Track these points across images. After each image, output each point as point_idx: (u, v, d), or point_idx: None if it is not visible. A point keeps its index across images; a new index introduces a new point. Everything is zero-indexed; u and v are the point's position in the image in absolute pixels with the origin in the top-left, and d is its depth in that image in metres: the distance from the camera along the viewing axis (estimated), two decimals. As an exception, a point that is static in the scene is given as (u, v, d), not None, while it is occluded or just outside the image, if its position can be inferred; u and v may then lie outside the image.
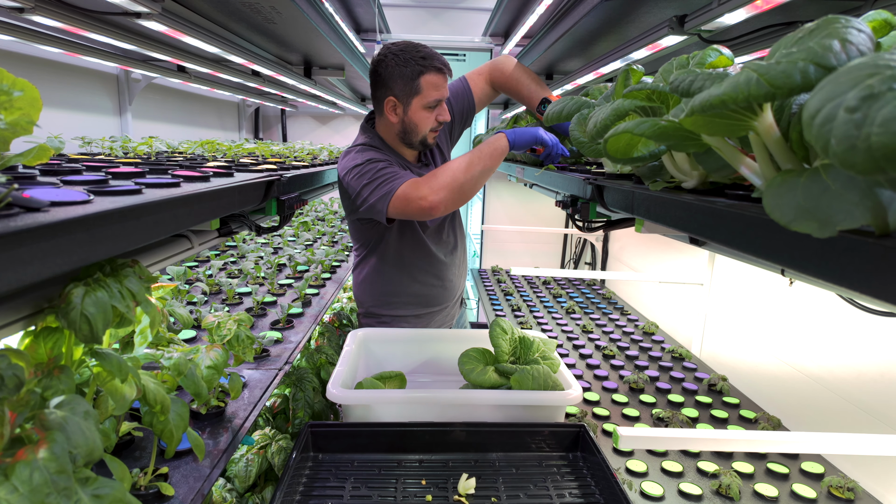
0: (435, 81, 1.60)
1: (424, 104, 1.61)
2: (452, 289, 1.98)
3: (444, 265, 1.90)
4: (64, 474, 0.52)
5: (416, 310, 1.92)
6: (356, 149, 1.68)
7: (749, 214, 0.54)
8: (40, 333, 0.66)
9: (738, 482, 1.26)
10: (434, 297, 1.93)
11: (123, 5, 1.40)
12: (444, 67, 1.61)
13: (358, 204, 1.60)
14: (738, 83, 0.44)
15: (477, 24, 5.33)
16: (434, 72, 1.59)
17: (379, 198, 1.52)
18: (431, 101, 1.61)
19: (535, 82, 1.84)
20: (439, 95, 1.62)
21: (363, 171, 1.56)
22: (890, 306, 0.39)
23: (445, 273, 1.91)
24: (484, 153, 1.55)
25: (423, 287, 1.89)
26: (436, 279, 1.90)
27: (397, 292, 1.88)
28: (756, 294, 2.06)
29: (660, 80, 0.80)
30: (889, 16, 0.56)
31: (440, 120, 1.67)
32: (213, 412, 1.25)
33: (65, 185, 0.74)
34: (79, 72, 2.62)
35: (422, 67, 1.57)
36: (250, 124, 5.35)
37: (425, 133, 1.67)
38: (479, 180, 1.54)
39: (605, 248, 3.69)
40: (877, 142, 0.29)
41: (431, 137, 1.70)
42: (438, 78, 1.60)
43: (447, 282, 1.93)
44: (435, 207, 1.47)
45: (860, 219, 0.36)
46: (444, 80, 1.63)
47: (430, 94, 1.60)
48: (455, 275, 1.97)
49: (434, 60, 1.59)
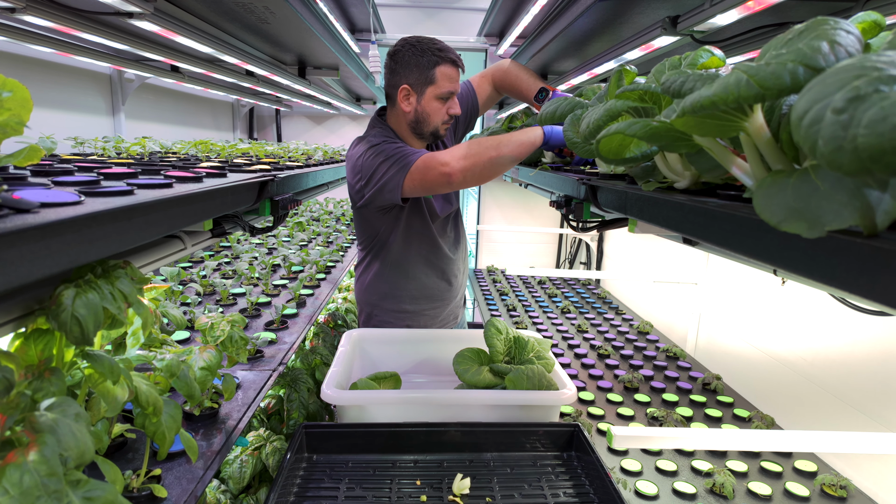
0: (449, 73, 1.63)
1: (438, 94, 1.64)
2: (457, 285, 2.00)
3: (449, 259, 1.93)
4: (55, 477, 0.51)
5: (422, 304, 1.93)
6: (370, 134, 1.70)
7: (740, 215, 0.54)
8: (31, 335, 0.66)
9: (731, 481, 1.27)
10: (439, 292, 1.94)
11: (116, 5, 1.39)
12: (459, 62, 1.65)
13: (374, 183, 1.58)
14: (728, 84, 0.44)
15: (472, 24, 5.33)
16: (449, 64, 1.62)
17: (397, 170, 1.52)
18: (444, 93, 1.64)
19: (532, 77, 1.86)
20: (452, 87, 1.64)
21: (380, 150, 1.57)
22: (880, 305, 0.39)
23: (450, 267, 1.94)
24: (515, 140, 1.51)
25: (428, 280, 1.91)
26: (441, 273, 1.92)
27: (404, 286, 1.89)
28: (750, 293, 2.06)
29: (652, 80, 0.81)
30: (878, 17, 0.56)
31: (451, 113, 1.69)
32: (207, 413, 1.24)
33: (56, 186, 0.74)
34: (71, 72, 2.61)
35: (438, 58, 1.61)
36: (244, 124, 5.34)
37: (437, 124, 1.69)
38: (504, 164, 1.51)
39: (599, 248, 3.70)
40: (863, 143, 0.29)
41: (443, 129, 1.72)
42: (453, 70, 1.63)
43: (452, 276, 1.95)
44: (454, 174, 1.47)
45: (849, 219, 0.36)
46: (458, 74, 1.66)
47: (443, 84, 1.63)
48: (459, 270, 2.00)
49: (450, 53, 1.63)
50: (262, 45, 2.51)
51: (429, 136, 1.73)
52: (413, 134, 1.74)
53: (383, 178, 1.55)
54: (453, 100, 1.68)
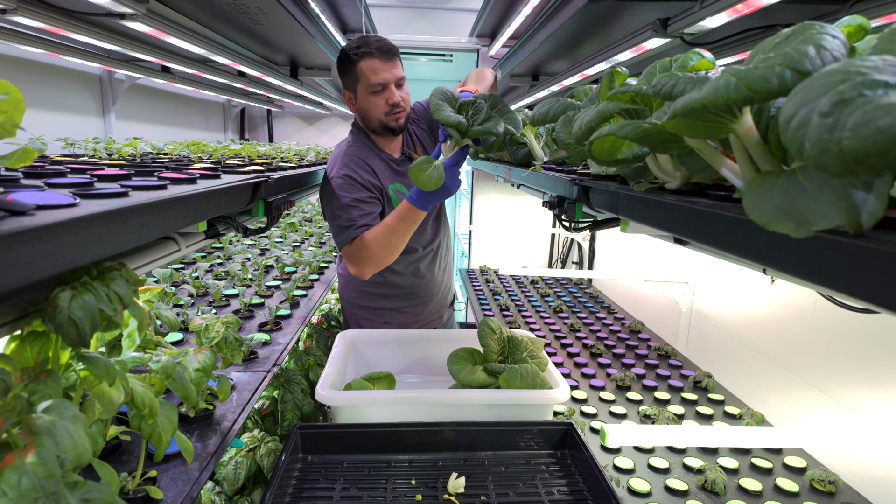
0: (371, 66, 1.61)
1: (368, 90, 1.64)
2: (436, 283, 2.00)
3: (422, 257, 1.92)
4: (52, 479, 0.51)
5: (399, 302, 1.94)
6: (340, 157, 1.74)
7: (730, 215, 0.55)
8: (26, 338, 0.66)
9: (723, 477, 1.28)
10: (416, 290, 1.95)
11: (107, 6, 1.38)
12: (378, 51, 1.60)
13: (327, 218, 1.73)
14: (717, 87, 0.45)
15: (464, 24, 5.33)
16: (367, 57, 1.60)
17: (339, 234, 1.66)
18: (373, 85, 1.63)
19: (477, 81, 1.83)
20: (378, 79, 1.62)
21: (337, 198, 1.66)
22: (865, 303, 0.40)
23: (426, 265, 1.94)
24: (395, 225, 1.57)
25: (402, 278, 1.91)
26: (415, 270, 1.92)
27: (377, 282, 1.91)
28: (739, 292, 2.09)
29: (643, 82, 0.82)
30: (864, 21, 0.57)
31: (391, 102, 1.66)
32: (202, 415, 1.24)
33: (49, 187, 0.74)
34: (61, 72, 2.59)
35: (356, 55, 1.61)
36: (236, 125, 5.32)
37: (379, 117, 1.69)
38: (401, 242, 1.60)
39: (591, 248, 3.72)
40: (848, 146, 0.30)
41: (393, 121, 1.70)
42: (374, 62, 1.61)
43: (428, 274, 1.96)
44: (364, 276, 1.66)
45: (835, 219, 0.37)
46: (383, 63, 1.61)
47: (369, 78, 1.62)
48: (438, 268, 1.99)
49: (367, 46, 1.60)
50: (254, 46, 2.50)
51: (380, 129, 1.72)
52: (373, 132, 1.77)
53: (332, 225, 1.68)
54: (390, 89, 1.65)
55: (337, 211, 1.65)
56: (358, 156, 1.74)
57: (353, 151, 1.75)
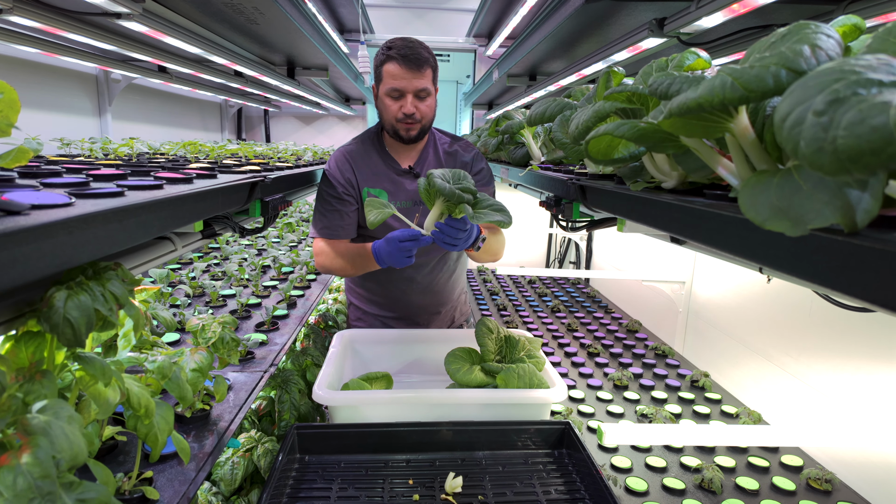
0: (392, 71, 1.62)
1: (385, 91, 1.67)
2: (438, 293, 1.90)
3: (415, 266, 1.82)
4: (48, 479, 0.51)
5: (398, 311, 1.88)
6: (334, 153, 1.83)
7: (726, 214, 0.55)
8: (21, 338, 0.65)
9: (720, 476, 1.28)
10: (412, 302, 1.86)
11: (103, 6, 1.38)
12: (402, 58, 1.61)
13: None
14: (713, 87, 0.45)
15: (461, 24, 5.34)
16: (391, 61, 1.62)
17: (313, 223, 1.80)
18: (388, 89, 1.65)
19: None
20: (395, 85, 1.63)
21: (319, 193, 1.79)
22: (860, 301, 0.41)
23: (418, 275, 1.84)
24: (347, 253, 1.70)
25: (388, 289, 1.85)
26: (406, 279, 1.83)
27: (376, 291, 1.88)
28: (736, 291, 2.09)
29: (640, 82, 0.82)
30: (858, 20, 0.57)
31: (404, 111, 1.66)
32: (198, 415, 1.24)
33: (45, 187, 0.74)
34: (57, 72, 2.58)
35: (384, 57, 1.64)
36: (233, 125, 5.31)
37: (390, 121, 1.70)
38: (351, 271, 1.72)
39: (589, 248, 3.73)
40: (842, 144, 0.30)
41: (403, 130, 1.69)
42: (395, 68, 1.62)
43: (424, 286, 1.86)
44: (317, 266, 1.79)
45: (830, 218, 0.37)
46: (404, 71, 1.61)
47: (388, 81, 1.64)
48: (440, 281, 1.89)
49: (393, 51, 1.62)
50: (251, 46, 2.50)
51: (392, 133, 1.73)
52: (386, 132, 1.78)
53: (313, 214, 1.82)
54: (406, 99, 1.64)
55: (316, 202, 1.80)
56: (346, 153, 1.78)
57: (347, 149, 1.79)
